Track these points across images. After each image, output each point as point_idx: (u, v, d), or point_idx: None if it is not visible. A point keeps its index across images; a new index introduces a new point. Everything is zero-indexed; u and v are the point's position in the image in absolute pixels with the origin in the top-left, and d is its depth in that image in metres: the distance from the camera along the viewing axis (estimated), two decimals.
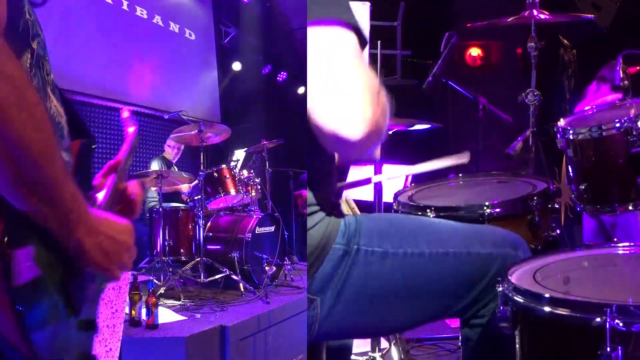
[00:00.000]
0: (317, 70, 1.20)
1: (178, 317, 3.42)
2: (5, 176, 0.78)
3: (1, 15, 0.84)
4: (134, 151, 1.33)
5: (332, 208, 1.44)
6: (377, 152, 2.05)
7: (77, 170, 1.05)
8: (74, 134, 1.08)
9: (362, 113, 1.19)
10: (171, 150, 5.48)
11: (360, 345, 3.04)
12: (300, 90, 7.22)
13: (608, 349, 1.12)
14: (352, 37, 1.22)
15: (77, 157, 1.06)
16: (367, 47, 1.32)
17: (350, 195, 2.67)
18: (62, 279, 0.89)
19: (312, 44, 1.21)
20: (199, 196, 4.41)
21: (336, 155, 1.49)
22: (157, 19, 6.64)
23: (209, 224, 4.55)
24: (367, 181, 2.41)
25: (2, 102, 0.74)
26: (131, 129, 1.30)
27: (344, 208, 2.04)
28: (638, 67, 3.04)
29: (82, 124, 1.12)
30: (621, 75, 2.57)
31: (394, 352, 2.65)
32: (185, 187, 5.13)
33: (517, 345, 1.35)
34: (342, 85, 1.19)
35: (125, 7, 6.16)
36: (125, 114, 1.34)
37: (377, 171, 2.64)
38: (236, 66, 7.36)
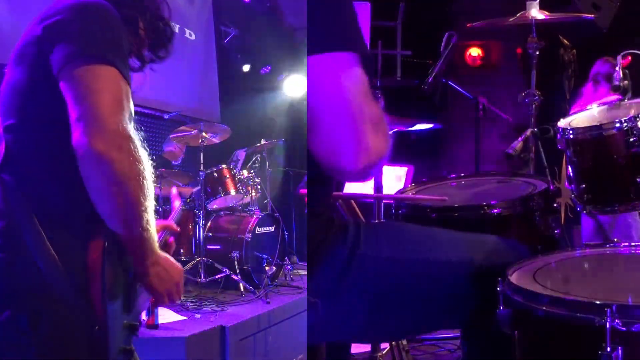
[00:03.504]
0: (320, 98, 1.20)
1: (178, 317, 3.42)
2: (118, 219, 1.19)
3: (128, 107, 1.22)
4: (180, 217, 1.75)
5: (332, 209, 1.44)
6: None
7: None
8: None
9: (361, 147, 1.20)
10: (177, 152, 5.44)
11: (360, 345, 3.04)
12: (299, 88, 7.21)
13: (608, 349, 1.12)
14: (357, 70, 1.21)
15: None
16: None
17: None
18: (126, 286, 1.29)
19: (317, 71, 1.20)
20: (199, 196, 4.41)
21: None
22: None
23: (209, 224, 4.54)
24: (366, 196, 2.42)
25: (129, 174, 1.16)
26: (177, 203, 1.76)
27: (345, 209, 2.05)
28: (629, 59, 3.03)
29: None
30: (620, 75, 2.57)
31: (394, 352, 2.66)
32: (187, 191, 5.10)
33: (517, 346, 1.35)
34: (344, 118, 1.19)
35: None
36: (174, 191, 1.88)
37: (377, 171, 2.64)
38: (236, 66, 7.35)
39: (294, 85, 7.10)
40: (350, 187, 3.67)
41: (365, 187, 3.00)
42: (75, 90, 1.17)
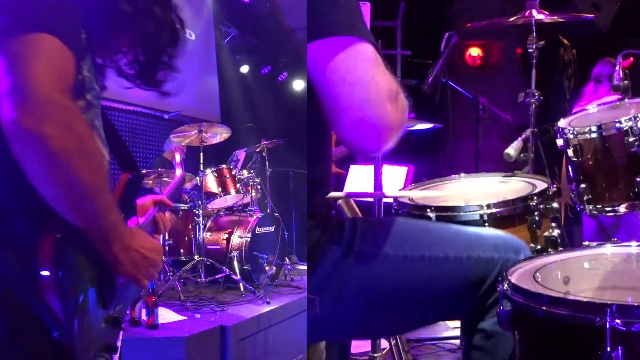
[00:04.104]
0: (334, 81, 1.21)
1: (178, 317, 3.42)
2: (65, 204, 1.05)
3: (70, 78, 1.07)
4: (179, 189, 1.55)
5: (331, 208, 1.45)
6: None
7: (122, 198, 1.31)
8: (122, 166, 1.32)
9: (383, 125, 1.22)
10: (180, 153, 5.42)
11: (360, 345, 3.05)
12: (299, 88, 7.22)
13: (608, 349, 1.12)
14: (371, 48, 1.24)
15: (124, 187, 1.33)
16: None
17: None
18: (96, 279, 1.16)
19: (326, 54, 1.21)
20: (199, 196, 4.41)
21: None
22: None
23: (209, 224, 4.55)
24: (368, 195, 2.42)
25: (67, 151, 1.00)
26: (179, 172, 1.62)
27: (344, 208, 2.05)
28: (631, 59, 3.04)
29: (131, 158, 1.37)
30: (621, 75, 2.57)
31: (394, 352, 2.65)
32: (187, 184, 5.10)
33: (517, 346, 1.35)
34: (362, 97, 1.21)
35: None
36: (178, 158, 1.71)
37: (377, 171, 2.64)
38: (236, 66, 7.35)
39: (294, 85, 7.11)
40: (350, 188, 3.67)
41: (365, 188, 3.00)
42: (6, 62, 1.03)
